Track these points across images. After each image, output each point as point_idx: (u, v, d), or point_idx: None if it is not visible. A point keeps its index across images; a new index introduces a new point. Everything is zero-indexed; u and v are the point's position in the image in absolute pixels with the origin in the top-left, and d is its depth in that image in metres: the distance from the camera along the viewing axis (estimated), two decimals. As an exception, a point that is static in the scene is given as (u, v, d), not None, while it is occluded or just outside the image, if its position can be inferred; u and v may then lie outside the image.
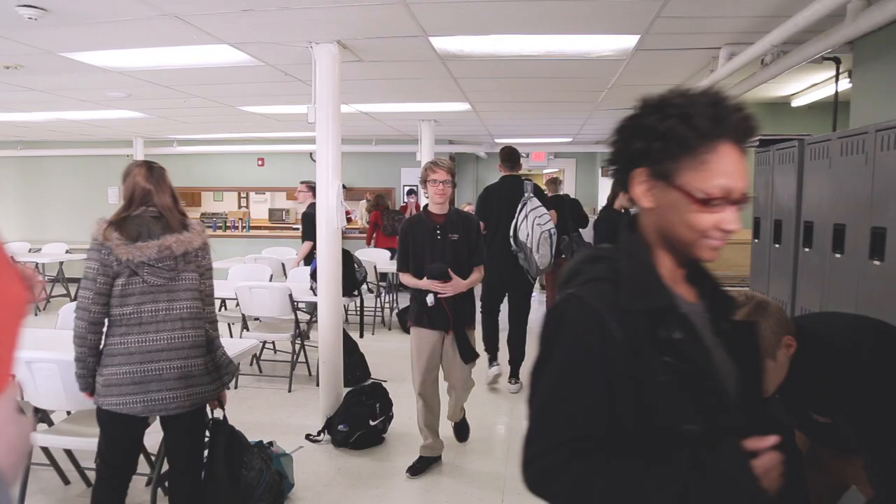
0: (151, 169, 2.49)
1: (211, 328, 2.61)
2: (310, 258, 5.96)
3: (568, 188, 12.18)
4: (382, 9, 3.39)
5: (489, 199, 5.17)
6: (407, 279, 3.55)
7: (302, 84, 5.23)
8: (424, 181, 3.45)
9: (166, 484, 2.80)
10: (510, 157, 5.23)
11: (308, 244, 6.21)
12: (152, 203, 2.45)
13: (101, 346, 2.42)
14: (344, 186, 4.31)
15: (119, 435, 2.50)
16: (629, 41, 4.05)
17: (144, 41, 4.04)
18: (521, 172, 5.44)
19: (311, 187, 5.96)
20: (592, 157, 11.41)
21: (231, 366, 2.67)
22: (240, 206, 12.32)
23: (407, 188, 10.52)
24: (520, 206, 4.89)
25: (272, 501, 2.89)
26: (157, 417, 2.61)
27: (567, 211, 6.70)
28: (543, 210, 4.90)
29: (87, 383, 2.43)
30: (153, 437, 3.26)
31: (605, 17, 3.56)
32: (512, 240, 4.88)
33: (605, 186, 10.87)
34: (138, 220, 2.42)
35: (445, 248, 3.47)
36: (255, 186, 11.16)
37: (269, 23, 3.64)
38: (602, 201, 10.93)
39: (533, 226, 4.77)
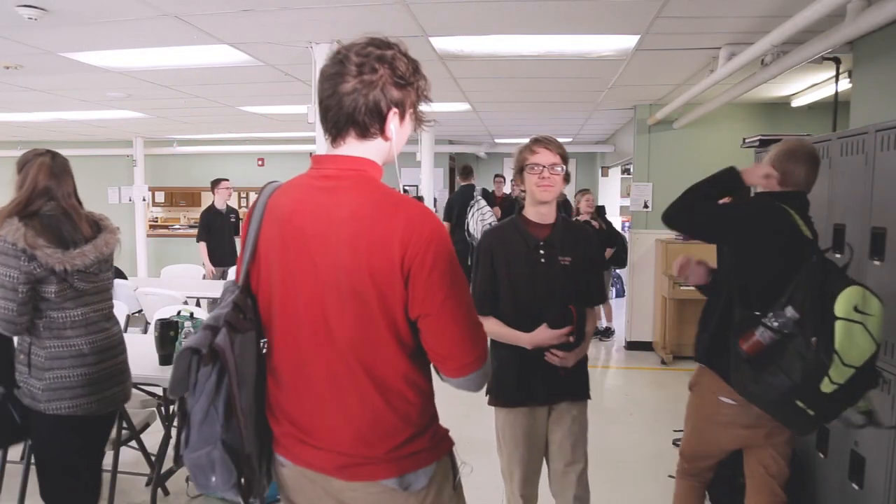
0: (55, 159, 2.33)
1: None
2: None
3: (568, 188, 12.17)
4: (382, 9, 3.39)
5: (453, 203, 7.44)
6: (493, 328, 2.22)
7: (302, 84, 5.23)
8: (521, 169, 2.25)
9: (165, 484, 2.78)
10: (464, 171, 7.63)
11: None
12: (53, 197, 2.26)
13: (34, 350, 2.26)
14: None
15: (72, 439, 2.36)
16: (629, 41, 4.05)
17: (144, 41, 4.04)
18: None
19: None
20: (592, 157, 11.41)
21: None
22: (240, 206, 12.32)
23: (404, 187, 10.53)
24: (469, 206, 6.91)
25: None
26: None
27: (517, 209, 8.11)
28: (488, 209, 6.90)
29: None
30: (153, 436, 3.27)
31: (605, 17, 3.56)
32: (465, 232, 6.87)
33: (605, 186, 10.88)
34: (53, 220, 2.24)
35: (554, 279, 2.22)
36: (255, 186, 11.14)
37: (269, 23, 3.64)
38: (602, 201, 10.94)
39: (477, 221, 6.73)
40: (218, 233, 6.67)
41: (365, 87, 1.28)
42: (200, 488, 1.39)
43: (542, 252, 2.25)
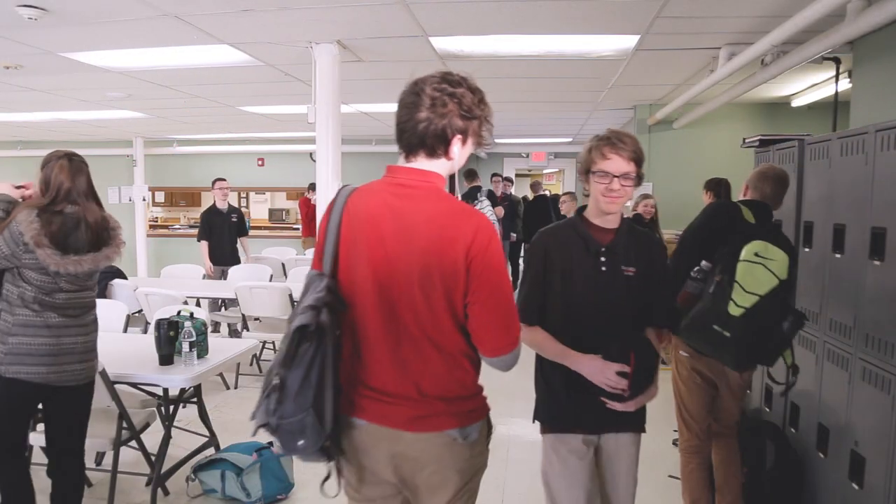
0: (72, 160, 2.52)
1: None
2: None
3: (568, 188, 12.18)
4: (382, 9, 3.39)
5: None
6: (537, 339, 2.02)
7: (302, 84, 5.23)
8: (586, 171, 2.00)
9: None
10: (469, 174, 7.87)
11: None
12: (74, 202, 2.44)
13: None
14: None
15: (21, 406, 2.49)
16: (629, 41, 4.05)
17: (144, 41, 4.04)
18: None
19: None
20: (592, 157, 11.41)
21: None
22: (239, 206, 12.33)
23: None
24: (473, 206, 7.60)
25: None
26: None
27: (516, 209, 8.76)
28: (489, 207, 7.28)
29: None
30: (153, 436, 3.27)
31: (605, 17, 3.56)
32: None
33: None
34: (68, 224, 2.41)
35: (614, 290, 1.99)
36: (255, 186, 11.16)
37: (269, 23, 3.64)
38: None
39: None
40: (218, 232, 6.66)
41: (436, 117, 1.57)
42: (287, 452, 1.64)
43: (603, 259, 1.97)
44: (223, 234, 6.66)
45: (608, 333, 1.95)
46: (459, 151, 1.63)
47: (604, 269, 1.98)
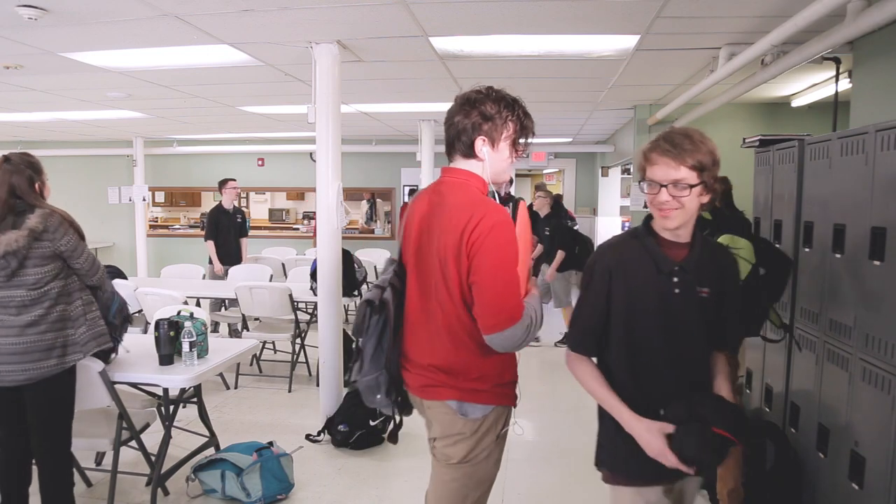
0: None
1: (71, 307, 2.60)
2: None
3: (568, 188, 12.18)
4: (382, 9, 3.39)
5: None
6: (586, 377, 1.79)
7: (302, 84, 5.23)
8: (640, 179, 1.77)
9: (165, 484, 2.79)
10: None
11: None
12: None
13: None
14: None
15: None
16: (629, 41, 4.05)
17: (144, 41, 4.04)
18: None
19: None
20: (592, 157, 11.40)
21: (90, 344, 2.64)
22: (239, 206, 12.33)
23: (407, 188, 10.52)
24: None
25: (123, 320, 2.93)
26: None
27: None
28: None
29: None
30: (153, 436, 3.27)
31: (605, 17, 3.56)
32: None
33: (605, 186, 10.87)
34: None
35: (689, 315, 1.73)
36: (255, 186, 11.16)
37: (269, 23, 3.64)
38: (602, 201, 10.94)
39: None
40: (224, 232, 6.69)
41: (462, 120, 1.84)
42: (369, 404, 1.96)
43: (676, 280, 1.70)
44: (229, 235, 6.71)
45: (678, 367, 1.69)
46: (489, 152, 1.84)
47: (677, 290, 1.70)
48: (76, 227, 2.63)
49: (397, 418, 2.01)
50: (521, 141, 1.91)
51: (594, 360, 1.82)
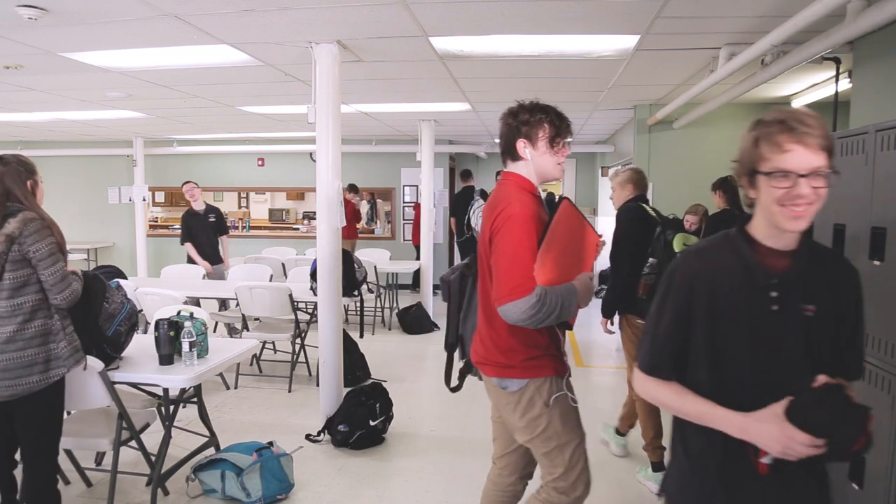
0: None
1: (51, 321, 2.53)
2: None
3: (568, 188, 12.18)
4: (382, 9, 3.39)
5: (458, 202, 9.18)
6: (670, 395, 1.49)
7: (302, 84, 5.23)
8: (751, 171, 1.40)
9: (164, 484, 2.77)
10: (464, 174, 9.24)
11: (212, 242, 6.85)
12: None
13: None
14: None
15: None
16: (629, 41, 4.05)
17: (144, 41, 4.04)
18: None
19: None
20: (592, 157, 11.41)
21: (71, 358, 2.57)
22: (240, 206, 12.32)
23: (408, 188, 10.52)
24: (470, 205, 8.70)
25: (130, 327, 2.94)
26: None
27: None
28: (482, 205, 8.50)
29: None
30: (153, 436, 3.27)
31: (605, 17, 3.56)
32: (465, 227, 8.72)
33: (605, 186, 10.87)
34: None
35: (789, 337, 1.41)
36: (255, 186, 11.16)
37: (269, 23, 3.64)
38: (602, 201, 10.93)
39: (478, 217, 8.16)
40: (196, 233, 6.76)
41: (505, 128, 2.15)
42: (462, 357, 2.41)
43: (774, 294, 1.40)
44: (203, 235, 6.75)
45: (771, 397, 1.35)
46: (531, 153, 2.10)
47: (775, 307, 1.39)
48: (58, 237, 2.52)
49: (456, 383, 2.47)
50: (559, 139, 2.12)
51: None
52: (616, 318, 3.67)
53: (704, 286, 1.44)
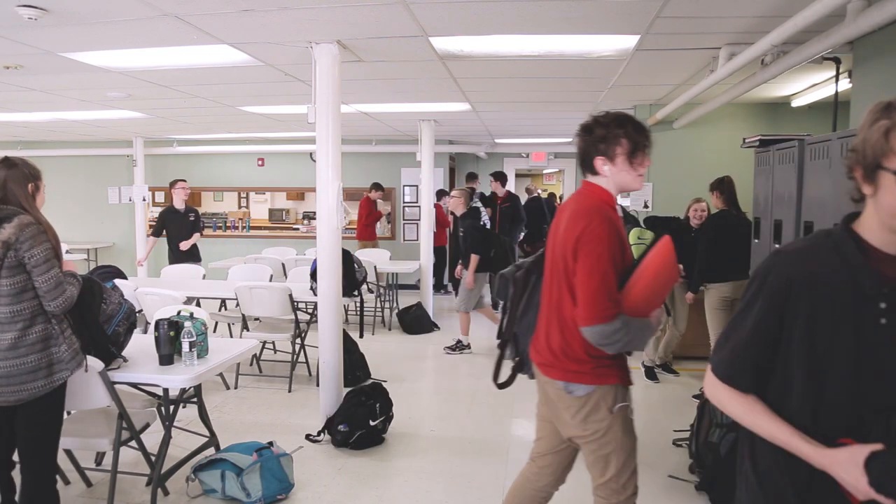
0: None
1: (50, 325, 2.52)
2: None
3: (568, 188, 12.18)
4: (382, 9, 3.39)
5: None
6: (748, 413, 1.34)
7: (302, 84, 5.23)
8: (874, 166, 1.21)
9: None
10: (468, 176, 9.77)
11: (198, 235, 7.00)
12: None
13: None
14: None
15: None
16: (629, 41, 4.05)
17: (144, 41, 4.04)
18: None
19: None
20: (592, 157, 11.41)
21: (73, 361, 2.56)
22: (240, 206, 12.32)
23: (407, 188, 10.52)
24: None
25: (129, 326, 2.92)
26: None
27: (519, 209, 9.22)
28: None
29: None
30: (153, 436, 3.27)
31: (605, 17, 3.56)
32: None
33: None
34: None
35: (893, 359, 1.24)
36: (255, 186, 11.16)
37: (269, 23, 3.64)
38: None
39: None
40: (176, 230, 6.86)
41: (581, 143, 2.18)
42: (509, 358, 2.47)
43: (884, 306, 1.23)
44: (181, 232, 6.87)
45: (871, 423, 1.22)
46: (610, 169, 2.12)
47: (884, 321, 1.23)
48: (53, 241, 2.50)
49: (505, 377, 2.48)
50: (639, 153, 2.11)
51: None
52: None
53: (804, 291, 1.26)
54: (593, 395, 2.13)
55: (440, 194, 9.34)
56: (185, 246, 6.88)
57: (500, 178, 9.09)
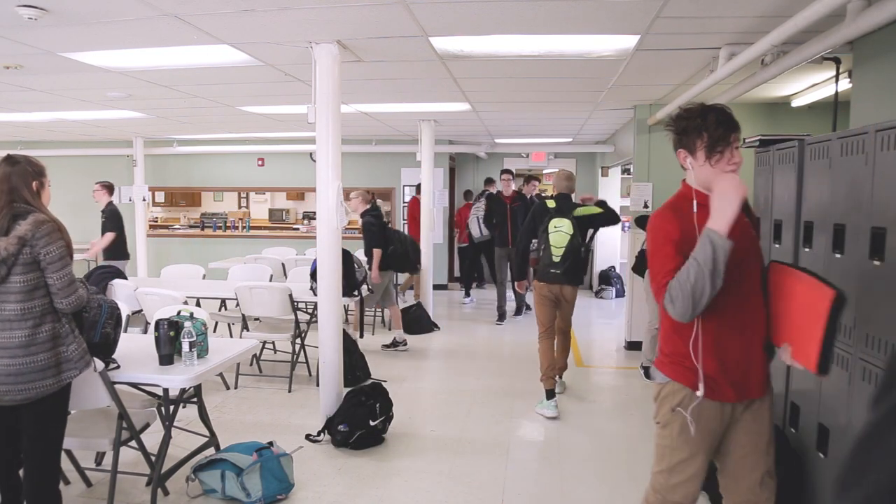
0: None
1: (59, 324, 2.52)
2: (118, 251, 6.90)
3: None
4: (382, 9, 3.39)
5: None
6: None
7: (302, 84, 5.23)
8: None
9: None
10: (486, 181, 9.94)
11: (110, 235, 6.84)
12: None
13: None
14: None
15: None
16: (629, 41, 4.05)
17: (144, 41, 4.04)
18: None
19: (106, 186, 7.04)
20: (592, 157, 11.40)
21: (81, 361, 2.57)
22: (240, 207, 12.33)
23: (407, 188, 10.52)
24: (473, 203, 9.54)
25: (115, 323, 2.84)
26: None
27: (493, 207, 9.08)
28: (482, 207, 8.95)
29: None
30: (153, 436, 3.27)
31: (605, 17, 3.56)
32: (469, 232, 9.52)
33: (605, 186, 10.86)
34: None
35: None
36: (255, 186, 11.16)
37: (269, 23, 3.64)
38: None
39: (474, 216, 9.09)
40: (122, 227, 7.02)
41: (672, 136, 2.11)
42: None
43: None
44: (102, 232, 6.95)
45: None
46: (693, 162, 2.06)
47: None
48: (67, 240, 2.51)
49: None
50: (720, 147, 2.01)
51: None
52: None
53: None
54: (665, 387, 2.17)
55: (419, 188, 9.20)
56: (96, 246, 6.94)
57: (509, 174, 9.01)
